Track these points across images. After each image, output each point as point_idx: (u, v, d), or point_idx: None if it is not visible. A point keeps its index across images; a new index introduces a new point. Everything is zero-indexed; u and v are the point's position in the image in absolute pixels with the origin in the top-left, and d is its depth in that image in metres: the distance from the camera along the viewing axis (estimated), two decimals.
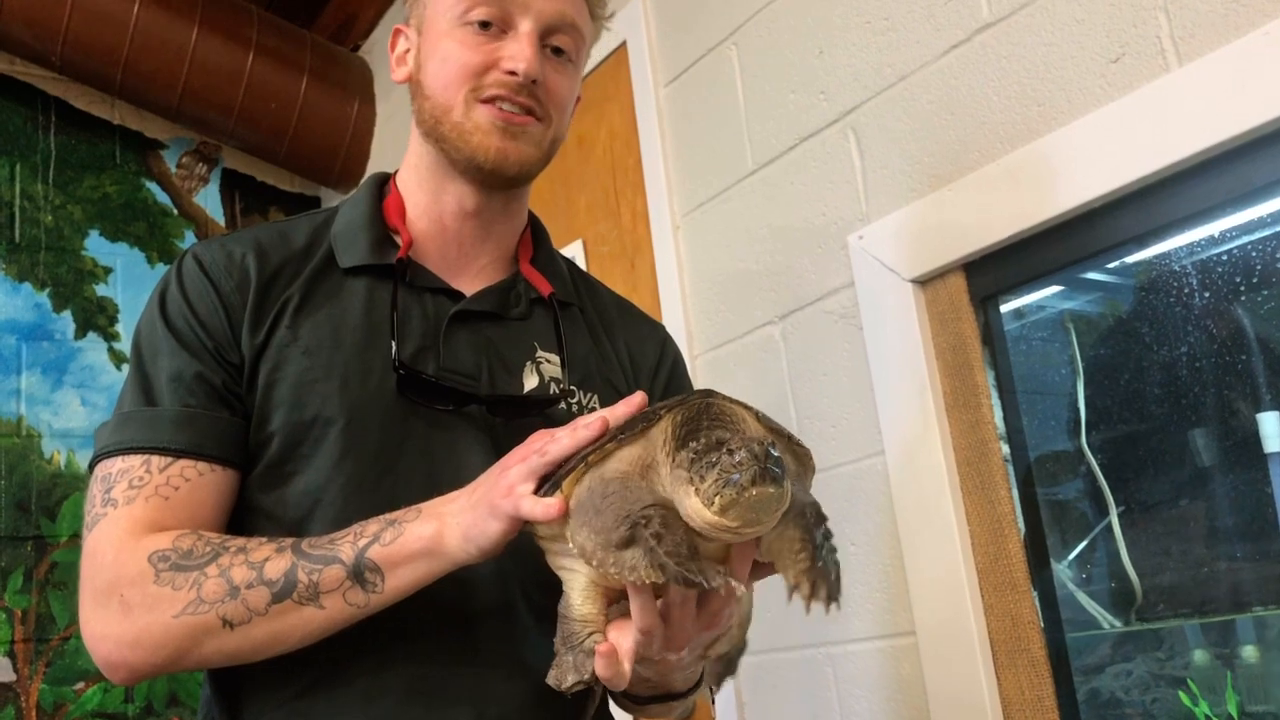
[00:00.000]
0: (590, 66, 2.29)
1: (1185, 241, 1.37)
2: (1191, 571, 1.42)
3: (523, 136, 1.15)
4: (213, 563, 0.98)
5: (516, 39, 1.14)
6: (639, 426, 0.91)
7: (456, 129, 1.14)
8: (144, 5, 2.78)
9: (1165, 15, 1.27)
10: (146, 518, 1.02)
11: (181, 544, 1.00)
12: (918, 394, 1.53)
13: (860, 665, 1.63)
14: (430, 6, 1.18)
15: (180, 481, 1.04)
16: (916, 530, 1.53)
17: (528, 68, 1.12)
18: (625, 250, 2.21)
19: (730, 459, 0.83)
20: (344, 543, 0.98)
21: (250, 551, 0.99)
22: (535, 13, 1.14)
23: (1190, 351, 1.41)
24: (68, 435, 2.90)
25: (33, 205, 2.99)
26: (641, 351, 1.29)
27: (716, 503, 0.83)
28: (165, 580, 0.98)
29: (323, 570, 0.97)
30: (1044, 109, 1.40)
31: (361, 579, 0.97)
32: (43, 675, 2.74)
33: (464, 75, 1.13)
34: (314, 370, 1.09)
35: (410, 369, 1.10)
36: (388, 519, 0.99)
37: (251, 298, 1.10)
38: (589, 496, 0.89)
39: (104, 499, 1.03)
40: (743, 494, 0.82)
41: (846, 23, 1.70)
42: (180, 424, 1.05)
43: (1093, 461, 1.49)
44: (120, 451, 1.05)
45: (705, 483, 0.84)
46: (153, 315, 1.12)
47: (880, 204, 1.63)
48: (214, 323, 1.09)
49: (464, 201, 1.19)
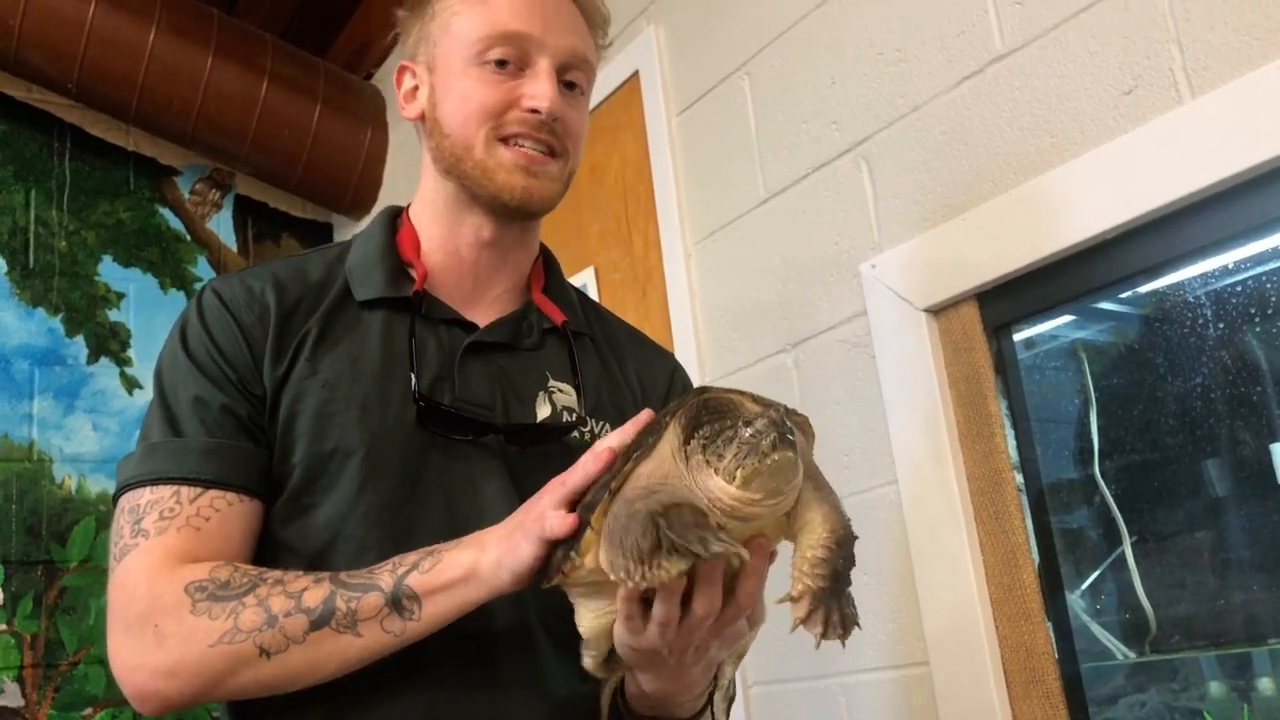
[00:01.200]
0: (603, 95, 2.31)
1: (1198, 272, 1.37)
2: (1206, 603, 1.42)
3: (544, 175, 1.16)
4: (250, 593, 0.99)
5: (536, 77, 1.15)
6: (648, 441, 0.92)
7: (480, 167, 1.15)
8: (160, 33, 2.81)
9: (1178, 48, 1.28)
10: (179, 548, 1.02)
11: (219, 575, 1.00)
12: (930, 423, 1.53)
13: (873, 695, 1.63)
14: (441, 44, 1.19)
15: (211, 512, 1.04)
16: (930, 560, 1.52)
17: (551, 106, 1.13)
18: (637, 278, 2.22)
19: (747, 430, 0.85)
20: (383, 572, 0.99)
21: (288, 583, 1.00)
22: (552, 50, 1.16)
23: (1203, 382, 1.41)
24: (79, 460, 2.91)
25: (47, 231, 3.01)
26: (651, 379, 1.30)
27: (739, 475, 0.85)
28: (202, 610, 0.99)
29: (361, 598, 0.98)
30: (1057, 140, 1.41)
31: (399, 606, 0.98)
32: (51, 700, 2.73)
33: (484, 114, 1.14)
34: (334, 403, 1.09)
35: (430, 400, 1.11)
36: (427, 550, 1.00)
37: (272, 330, 1.12)
38: (615, 522, 0.89)
39: (134, 530, 1.04)
40: (764, 461, 0.85)
41: (859, 53, 1.71)
42: (208, 455, 1.06)
43: (1106, 491, 1.49)
44: (149, 482, 1.06)
45: (725, 459, 0.86)
46: (174, 349, 1.12)
47: (892, 233, 1.64)
48: (236, 355, 1.10)
49: (481, 232, 1.20)
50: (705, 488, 0.88)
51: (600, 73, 2.31)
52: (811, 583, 0.93)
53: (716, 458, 0.87)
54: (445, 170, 1.19)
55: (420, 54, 1.21)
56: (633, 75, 2.24)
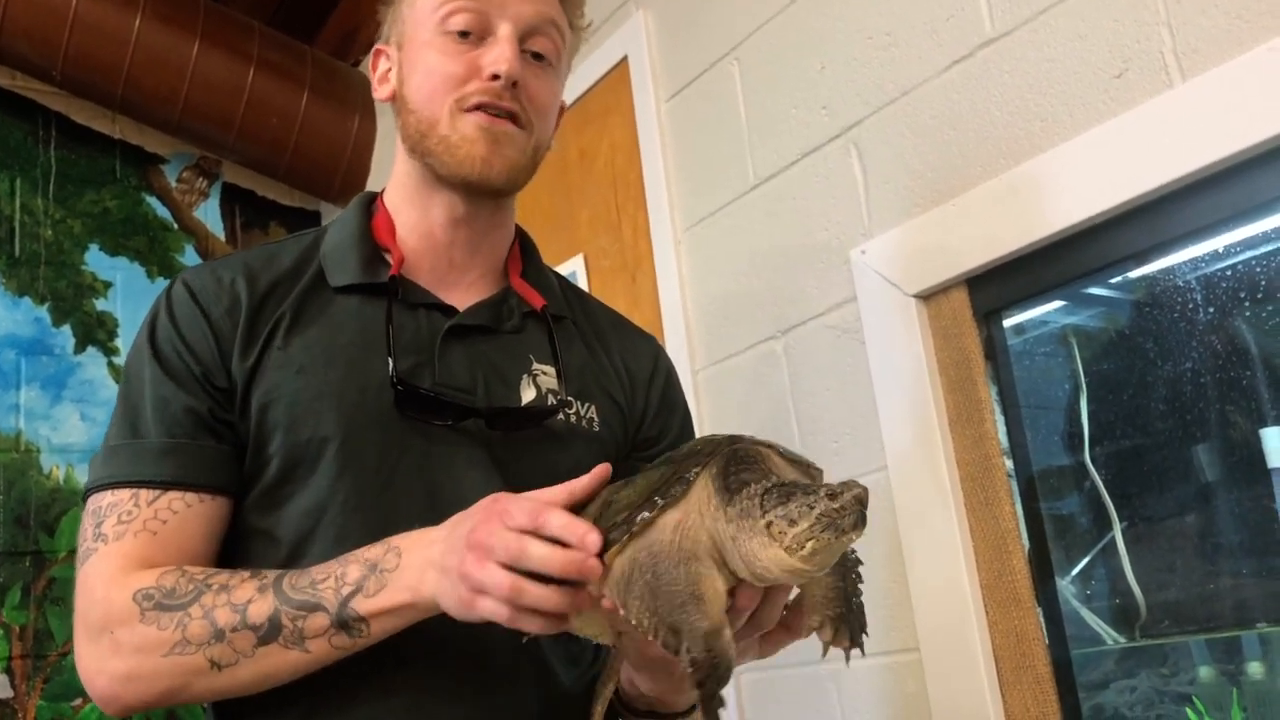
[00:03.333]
0: (591, 81, 2.30)
1: (1188, 257, 1.37)
2: (1196, 587, 1.42)
3: (506, 142, 1.14)
4: (195, 603, 0.99)
5: (496, 43, 1.14)
6: (675, 491, 0.90)
7: (443, 143, 1.14)
8: (145, 20, 2.79)
9: (1168, 31, 1.27)
10: (136, 553, 1.03)
11: (165, 582, 1.00)
12: (920, 409, 1.53)
13: (864, 682, 1.63)
14: (409, 21, 1.19)
15: (169, 514, 1.04)
16: (919, 546, 1.52)
17: (509, 69, 1.12)
18: (626, 264, 2.21)
19: (831, 504, 0.82)
20: (325, 587, 0.98)
21: (232, 590, 0.99)
22: (513, 15, 1.15)
23: (1193, 367, 1.41)
24: (67, 450, 2.89)
25: (33, 220, 2.99)
26: (637, 363, 1.29)
27: (809, 546, 0.82)
28: (150, 620, 0.99)
29: (307, 617, 0.97)
30: (1047, 124, 1.40)
31: (346, 627, 0.97)
32: (40, 691, 2.72)
33: (447, 85, 1.13)
34: (308, 390, 1.08)
35: (408, 384, 1.10)
36: (369, 562, 0.98)
37: (243, 322, 1.11)
38: (637, 570, 0.88)
39: (95, 534, 1.04)
40: (839, 538, 0.82)
41: (848, 38, 1.70)
42: (166, 456, 1.06)
43: (1096, 477, 1.49)
44: (109, 485, 1.06)
45: (798, 527, 0.83)
46: (141, 344, 1.12)
47: (883, 219, 1.63)
48: (203, 349, 1.09)
49: (454, 210, 1.19)
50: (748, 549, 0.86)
51: (588, 58, 2.32)
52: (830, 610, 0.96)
53: (787, 522, 0.83)
54: (411, 149, 1.18)
55: (392, 35, 1.22)
56: (621, 61, 2.23)
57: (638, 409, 1.26)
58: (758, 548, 0.85)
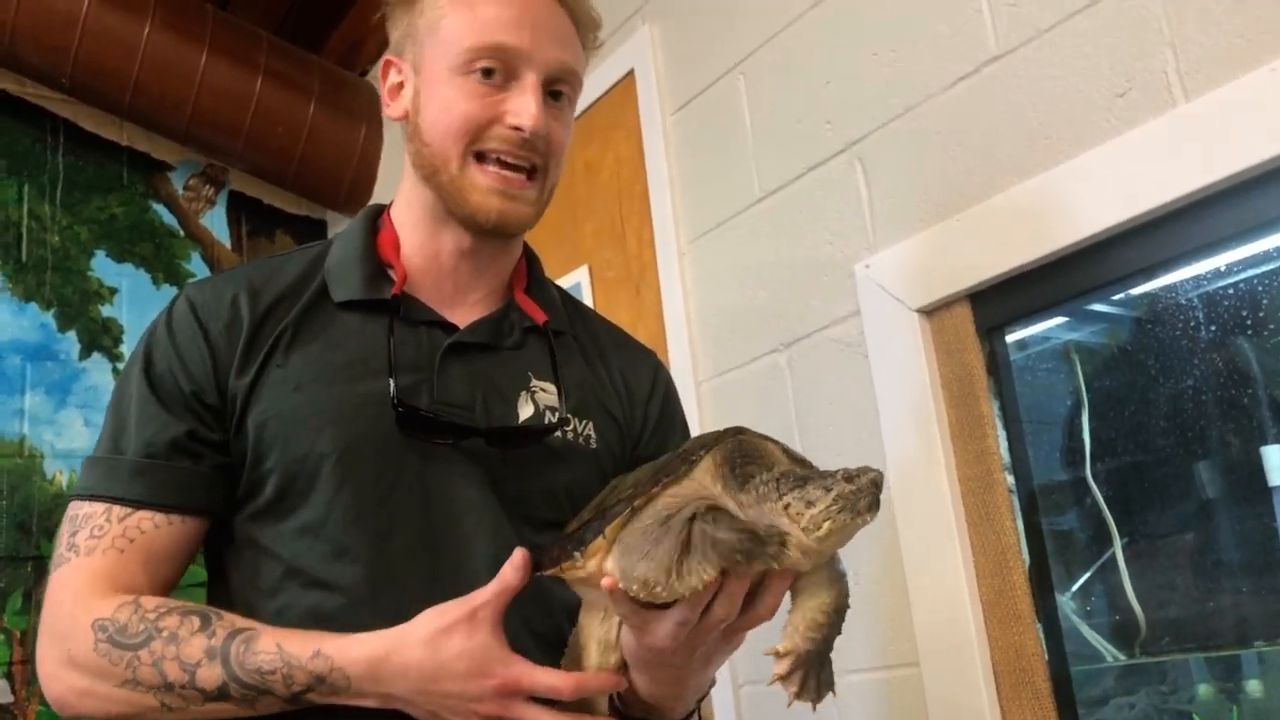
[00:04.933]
0: (597, 94, 2.31)
1: (1191, 275, 1.38)
2: (1196, 605, 1.42)
3: (520, 199, 1.15)
4: (145, 647, 1.01)
5: (521, 92, 1.12)
6: (681, 469, 0.92)
7: (454, 183, 1.14)
8: (154, 29, 2.80)
9: (1172, 50, 1.28)
10: (102, 570, 1.05)
11: (120, 616, 1.02)
12: (923, 423, 1.53)
13: (863, 696, 1.63)
14: (429, 46, 1.16)
15: (136, 533, 1.06)
16: (920, 560, 1.52)
17: (534, 125, 1.11)
18: (631, 276, 2.22)
19: (849, 485, 0.86)
20: (274, 680, 0.99)
21: (181, 643, 1.01)
22: (540, 64, 1.13)
23: (1194, 384, 1.41)
24: (70, 456, 2.90)
25: (40, 225, 3.00)
26: (636, 378, 1.30)
27: (825, 526, 0.86)
28: (103, 652, 1.01)
29: (258, 698, 1.00)
30: (1051, 142, 1.41)
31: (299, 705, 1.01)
32: (40, 697, 2.72)
33: (466, 128, 1.12)
34: (306, 406, 1.09)
35: (409, 406, 1.10)
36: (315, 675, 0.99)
37: (243, 339, 1.11)
38: (641, 535, 0.90)
39: (69, 543, 1.07)
40: (855, 519, 0.86)
41: (854, 54, 1.71)
42: (141, 475, 1.07)
43: (1097, 493, 1.49)
44: (86, 497, 1.08)
45: (816, 507, 0.86)
46: (136, 358, 1.14)
47: (887, 234, 1.64)
48: (196, 366, 1.10)
49: (461, 243, 1.19)
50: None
51: (595, 71, 2.32)
52: (802, 643, 0.97)
53: (805, 504, 0.87)
54: (424, 177, 1.17)
55: (407, 51, 1.19)
56: (627, 74, 2.24)
57: (636, 425, 1.27)
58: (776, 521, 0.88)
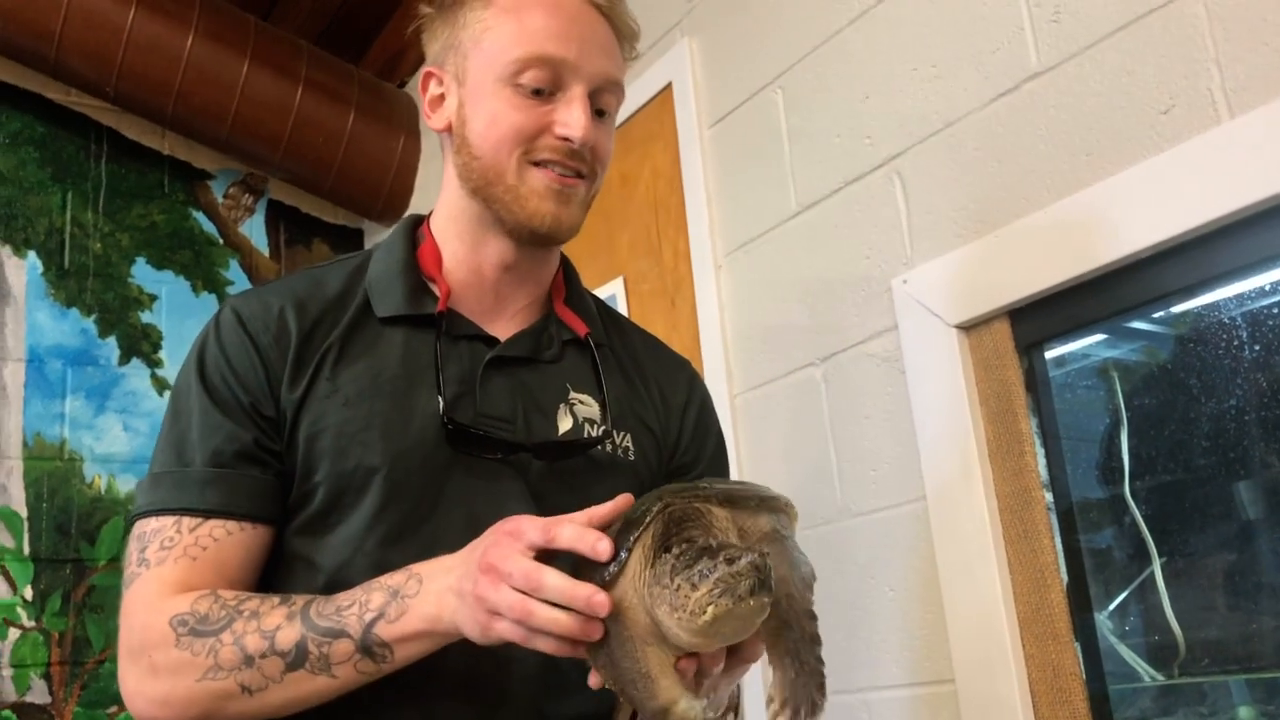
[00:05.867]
0: (635, 106, 2.32)
1: (1233, 293, 1.37)
2: (1236, 626, 1.40)
3: (573, 199, 1.16)
4: (227, 629, 1.01)
5: (569, 104, 1.13)
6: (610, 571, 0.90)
7: (511, 192, 1.14)
8: (197, 39, 2.84)
9: (1217, 68, 1.27)
10: (175, 578, 1.05)
11: (199, 607, 1.03)
12: (960, 440, 1.53)
13: (897, 712, 1.62)
14: (472, 58, 1.16)
15: (209, 541, 1.07)
16: (957, 577, 1.52)
17: (583, 136, 1.12)
18: (666, 288, 2.23)
19: (727, 569, 0.82)
20: (350, 614, 1.00)
21: (262, 617, 1.01)
22: (586, 76, 1.14)
23: (1237, 403, 1.40)
24: (109, 460, 2.94)
25: (82, 232, 3.04)
26: (673, 390, 1.30)
27: (709, 613, 0.82)
28: (185, 645, 1.02)
29: (332, 644, 0.99)
30: (1092, 158, 1.40)
31: (370, 653, 0.99)
32: (77, 698, 2.75)
33: (516, 138, 1.13)
34: (355, 421, 1.10)
35: (458, 424, 1.11)
36: (392, 589, 1.00)
37: (292, 352, 1.12)
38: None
39: (139, 559, 1.07)
40: (739, 604, 0.81)
41: (893, 69, 1.71)
42: (209, 485, 1.08)
43: (1136, 512, 1.48)
44: (154, 513, 1.08)
45: (698, 591, 0.82)
46: (189, 370, 1.14)
47: (925, 249, 1.63)
48: (251, 378, 1.11)
49: (505, 256, 1.20)
50: (659, 616, 0.86)
51: (633, 84, 2.33)
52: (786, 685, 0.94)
53: (690, 586, 0.83)
54: (472, 190, 1.17)
55: (449, 63, 1.19)
56: (666, 87, 2.25)
57: (672, 436, 1.27)
58: (665, 614, 0.85)
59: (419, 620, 0.98)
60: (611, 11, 1.18)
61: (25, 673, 2.71)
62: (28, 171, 3.00)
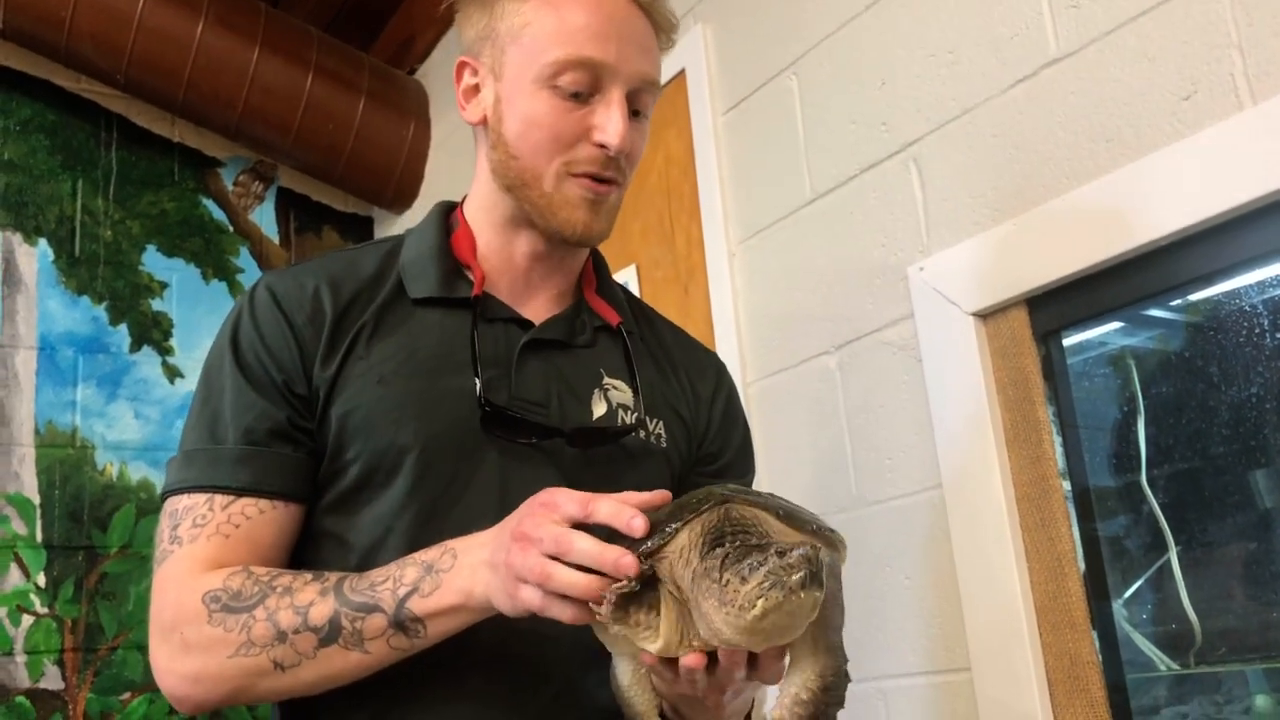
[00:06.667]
0: None
1: (1253, 280, 1.36)
2: (1254, 615, 1.40)
3: (605, 208, 1.16)
4: (260, 604, 1.01)
5: (607, 107, 1.12)
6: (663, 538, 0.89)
7: (545, 199, 1.14)
8: (208, 26, 2.83)
9: (1239, 53, 1.26)
10: (207, 556, 1.05)
11: (231, 584, 1.02)
12: (977, 428, 1.52)
13: (914, 700, 1.62)
14: (510, 53, 1.14)
15: (241, 519, 1.06)
16: (974, 565, 1.51)
17: (620, 144, 1.12)
18: (679, 276, 2.22)
19: (780, 560, 0.80)
20: (384, 589, 0.99)
21: (295, 593, 1.01)
22: (625, 78, 1.13)
23: (1256, 391, 1.39)
24: (121, 447, 2.94)
25: (93, 220, 3.04)
26: (702, 380, 1.30)
27: (759, 605, 0.79)
28: (217, 621, 1.01)
29: (365, 618, 0.99)
30: (1112, 145, 1.39)
31: (404, 628, 0.99)
32: (90, 684, 2.76)
33: (556, 145, 1.12)
34: (388, 399, 1.10)
35: (495, 406, 1.10)
36: (426, 564, 1.00)
37: (326, 331, 1.12)
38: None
39: (171, 536, 1.07)
40: (790, 596, 0.79)
41: (910, 55, 1.70)
42: (242, 463, 1.07)
43: (1153, 500, 1.48)
44: (186, 489, 1.08)
45: (748, 585, 0.80)
46: (222, 347, 1.13)
47: (942, 236, 1.63)
48: (285, 356, 1.11)
49: (536, 248, 1.20)
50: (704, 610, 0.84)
51: None
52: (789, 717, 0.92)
53: (740, 580, 0.81)
54: (506, 187, 1.17)
55: (485, 54, 1.17)
56: (679, 73, 2.24)
57: (701, 425, 1.27)
58: (712, 608, 0.83)
59: (453, 594, 0.97)
60: (650, 6, 1.17)
61: (39, 659, 2.72)
62: (38, 159, 3.00)
